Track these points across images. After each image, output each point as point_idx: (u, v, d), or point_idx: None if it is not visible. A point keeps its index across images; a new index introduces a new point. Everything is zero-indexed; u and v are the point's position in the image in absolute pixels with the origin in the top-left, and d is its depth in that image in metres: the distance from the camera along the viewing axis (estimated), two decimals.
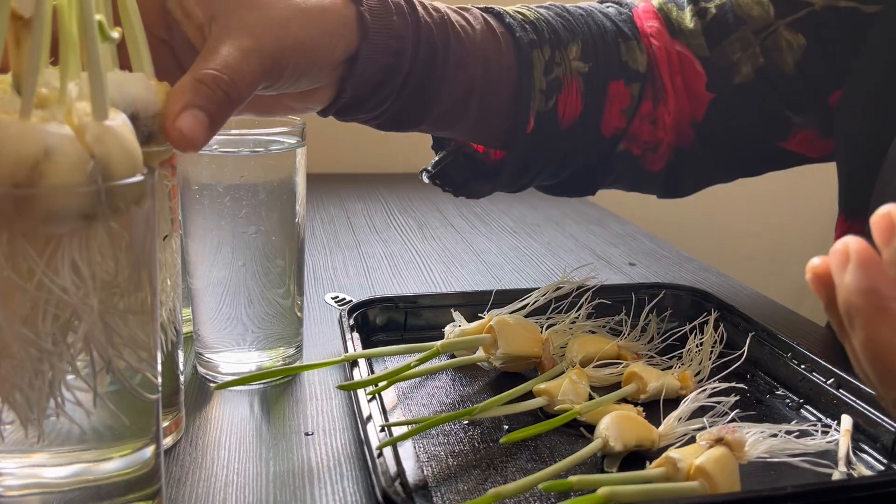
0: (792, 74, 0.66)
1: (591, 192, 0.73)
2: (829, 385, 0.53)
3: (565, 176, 0.68)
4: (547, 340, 0.57)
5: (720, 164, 0.72)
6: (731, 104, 0.67)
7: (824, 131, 0.68)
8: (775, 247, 1.64)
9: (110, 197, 0.31)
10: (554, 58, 0.62)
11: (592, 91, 0.63)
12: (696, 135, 0.68)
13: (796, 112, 0.67)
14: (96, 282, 0.31)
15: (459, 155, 0.68)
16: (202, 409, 0.54)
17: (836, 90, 0.66)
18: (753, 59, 0.65)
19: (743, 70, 0.66)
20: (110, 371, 0.32)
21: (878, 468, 0.48)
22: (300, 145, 0.56)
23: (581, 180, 0.70)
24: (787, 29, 0.65)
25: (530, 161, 0.64)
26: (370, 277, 0.81)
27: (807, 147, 0.70)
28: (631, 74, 0.65)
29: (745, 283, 0.81)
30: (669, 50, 0.66)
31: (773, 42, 0.65)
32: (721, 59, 0.66)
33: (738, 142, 0.70)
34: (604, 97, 0.64)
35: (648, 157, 0.68)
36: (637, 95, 0.65)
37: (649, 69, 0.66)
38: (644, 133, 0.67)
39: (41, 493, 0.35)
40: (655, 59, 0.66)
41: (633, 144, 0.67)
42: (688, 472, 0.42)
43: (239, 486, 0.45)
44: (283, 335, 0.58)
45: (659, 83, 0.66)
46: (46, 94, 0.32)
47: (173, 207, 0.44)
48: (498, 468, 0.47)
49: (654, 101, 0.66)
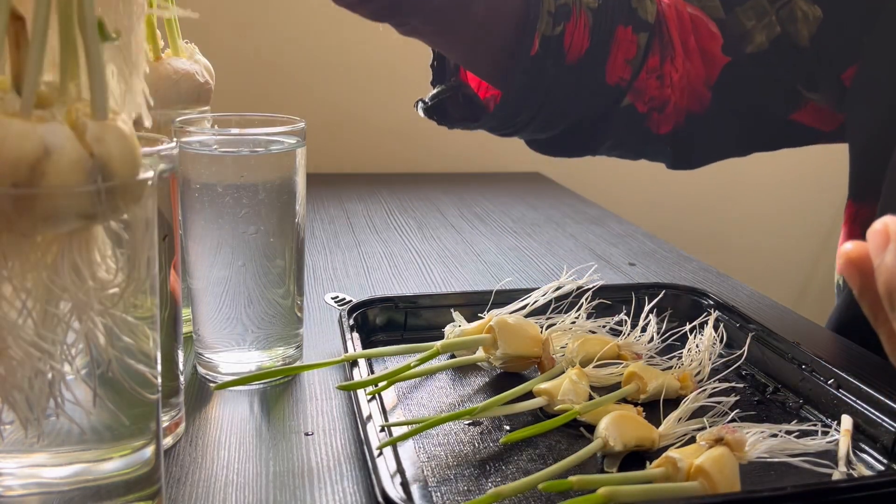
0: (806, 46, 0.65)
1: (591, 151, 0.71)
2: (829, 385, 0.53)
3: (564, 128, 0.67)
4: (547, 340, 0.57)
5: (732, 133, 0.71)
6: (745, 71, 0.66)
7: (837, 107, 0.68)
8: (775, 247, 1.65)
9: (110, 197, 0.31)
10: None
11: (600, 29, 0.62)
12: (711, 98, 0.67)
13: (809, 88, 0.66)
14: (96, 282, 0.31)
15: (459, 93, 0.67)
16: (202, 409, 0.54)
17: (849, 67, 0.65)
18: (769, 28, 0.65)
19: (757, 39, 0.65)
20: (110, 371, 0.32)
21: (878, 468, 0.48)
22: (300, 145, 0.56)
23: (580, 135, 0.68)
24: (804, 0, 0.65)
25: (529, 93, 0.62)
26: (370, 277, 0.81)
27: (819, 118, 0.69)
28: (640, 23, 0.64)
29: (745, 283, 0.81)
30: (680, 10, 0.66)
31: (788, 12, 0.65)
32: (735, 25, 0.66)
33: (750, 110, 0.69)
34: (610, 39, 0.63)
35: (654, 116, 0.67)
36: (644, 46, 0.64)
37: (658, 22, 0.65)
38: (650, 88, 0.66)
39: (41, 493, 0.35)
40: (664, 15, 0.65)
41: (639, 100, 0.66)
42: (688, 472, 0.42)
43: (239, 486, 0.45)
44: (283, 335, 0.58)
45: (667, 38, 0.65)
46: (46, 95, 0.32)
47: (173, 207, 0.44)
48: (498, 468, 0.47)
49: (662, 56, 0.65)
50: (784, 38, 0.65)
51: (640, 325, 0.61)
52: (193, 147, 0.54)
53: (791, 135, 0.72)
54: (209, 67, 0.63)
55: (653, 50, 0.65)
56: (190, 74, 0.60)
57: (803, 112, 0.68)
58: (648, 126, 0.67)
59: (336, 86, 1.36)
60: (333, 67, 1.36)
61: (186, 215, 0.55)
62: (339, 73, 1.36)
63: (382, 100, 1.38)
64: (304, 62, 1.34)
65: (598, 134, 0.68)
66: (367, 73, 1.37)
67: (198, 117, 0.60)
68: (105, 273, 0.31)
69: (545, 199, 1.21)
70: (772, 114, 0.69)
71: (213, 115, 0.61)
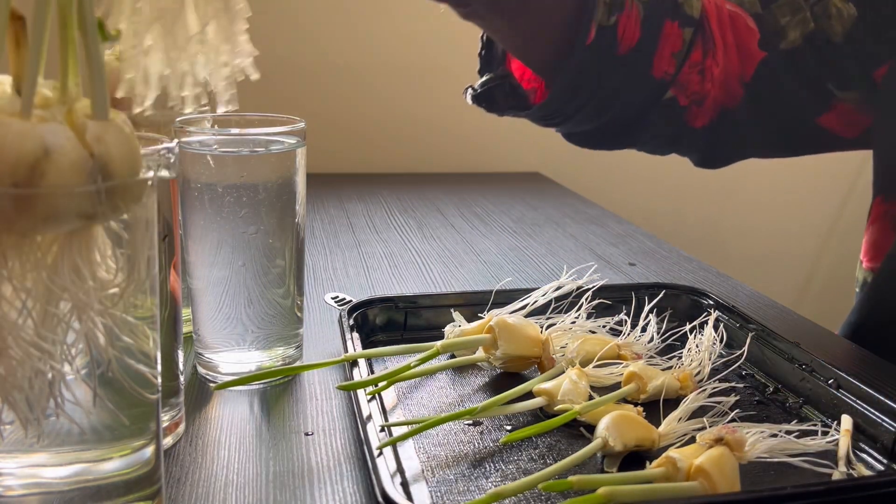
0: (840, 43, 0.66)
1: (631, 144, 0.72)
2: (829, 385, 0.53)
3: (607, 119, 0.68)
4: (547, 340, 0.57)
5: (759, 132, 0.72)
6: (778, 67, 0.67)
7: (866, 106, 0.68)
8: (775, 247, 1.65)
9: (110, 197, 0.31)
10: None
11: (650, 22, 0.64)
12: (744, 94, 0.68)
13: (840, 86, 0.67)
14: (96, 282, 0.31)
15: (506, 82, 0.69)
16: (202, 409, 0.54)
17: (882, 65, 0.66)
18: (803, 24, 0.66)
19: (790, 35, 0.66)
20: (110, 371, 0.32)
21: (878, 468, 0.48)
22: (300, 145, 0.56)
23: (621, 127, 0.69)
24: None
25: (582, 83, 0.64)
26: (370, 277, 0.81)
27: (844, 122, 0.70)
28: (685, 18, 0.65)
29: (745, 283, 0.81)
30: (720, 5, 0.67)
31: (822, 9, 0.66)
32: (770, 21, 0.67)
33: (780, 109, 0.70)
34: (659, 33, 0.64)
35: (693, 110, 0.68)
36: (689, 41, 0.66)
37: (701, 18, 0.66)
38: (692, 83, 0.67)
39: (41, 493, 0.35)
40: (706, 10, 0.67)
41: (681, 93, 0.67)
42: (688, 472, 0.42)
43: (239, 486, 0.45)
44: (283, 335, 0.58)
45: (708, 34, 0.67)
46: (46, 95, 0.32)
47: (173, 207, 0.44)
48: (498, 468, 0.47)
49: (704, 51, 0.66)
50: (817, 34, 0.66)
51: (640, 325, 0.61)
52: (193, 147, 0.54)
53: (814, 139, 0.73)
54: None
55: (696, 45, 0.66)
56: None
57: (830, 115, 0.69)
58: (686, 119, 0.69)
59: (336, 86, 1.36)
60: (333, 67, 1.36)
61: (186, 215, 0.55)
62: (339, 73, 1.36)
63: (382, 100, 1.38)
64: (304, 62, 1.34)
65: (640, 126, 0.70)
66: (367, 73, 1.37)
67: (198, 117, 0.60)
68: (105, 273, 0.31)
69: (545, 199, 1.21)
70: (799, 114, 0.70)
71: (213, 115, 0.61)
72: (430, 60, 1.35)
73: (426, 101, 1.38)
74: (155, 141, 0.44)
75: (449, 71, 1.36)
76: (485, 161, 1.42)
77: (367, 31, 1.34)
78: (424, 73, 1.36)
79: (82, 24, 0.32)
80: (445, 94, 1.38)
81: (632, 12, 0.63)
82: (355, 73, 1.36)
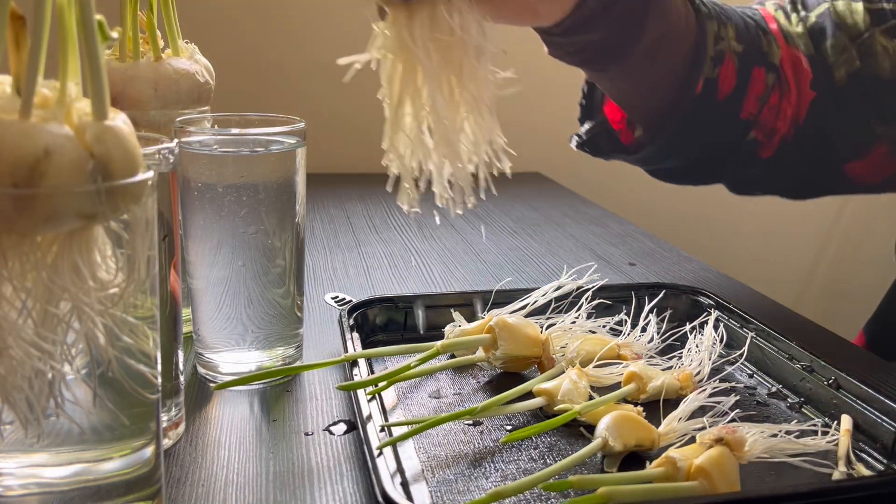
0: (888, 79, 0.69)
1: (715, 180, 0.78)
2: (829, 385, 0.53)
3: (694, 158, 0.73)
4: (547, 340, 0.57)
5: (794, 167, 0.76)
6: (827, 105, 0.71)
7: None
8: (775, 247, 1.64)
9: (110, 197, 0.31)
10: (719, 32, 0.69)
11: (742, 70, 0.69)
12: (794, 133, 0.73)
13: (884, 120, 0.71)
14: (96, 282, 0.31)
15: (605, 129, 0.74)
16: (202, 409, 0.54)
17: None
18: (849, 62, 0.70)
19: (836, 74, 0.71)
20: (110, 371, 0.32)
21: (878, 468, 0.48)
22: (300, 145, 0.56)
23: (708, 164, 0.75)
24: (883, 35, 0.70)
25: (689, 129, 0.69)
26: (370, 277, 0.81)
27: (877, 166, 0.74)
28: (769, 64, 0.70)
29: (745, 283, 0.81)
30: (790, 50, 0.72)
31: (868, 47, 0.70)
32: (821, 61, 0.72)
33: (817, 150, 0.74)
34: (748, 79, 0.69)
35: (765, 143, 0.73)
36: (771, 85, 0.70)
37: (780, 63, 0.71)
38: (768, 121, 0.72)
39: (41, 493, 0.35)
40: (782, 55, 0.72)
41: (760, 132, 0.72)
42: (688, 472, 0.42)
43: (239, 486, 0.45)
44: (283, 335, 0.58)
45: (783, 77, 0.71)
46: (46, 95, 0.32)
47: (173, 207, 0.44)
48: (498, 468, 0.47)
49: (780, 93, 0.71)
50: (864, 70, 0.70)
51: (640, 325, 0.61)
52: (193, 147, 0.54)
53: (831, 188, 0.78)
54: (209, 67, 0.63)
55: (775, 87, 0.72)
56: (190, 74, 0.60)
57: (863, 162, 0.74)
58: (759, 153, 0.74)
59: (336, 86, 1.36)
60: (333, 67, 1.36)
61: (186, 215, 0.55)
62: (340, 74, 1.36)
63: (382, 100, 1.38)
64: (304, 62, 1.34)
65: (724, 163, 0.75)
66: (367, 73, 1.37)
67: (198, 117, 0.60)
68: (105, 273, 0.31)
69: (545, 199, 1.21)
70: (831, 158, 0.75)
71: (213, 115, 0.61)
72: None
73: None
74: (155, 141, 0.44)
75: None
76: None
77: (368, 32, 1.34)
78: None
79: (82, 24, 0.32)
80: None
81: (728, 64, 0.69)
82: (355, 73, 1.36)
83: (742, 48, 0.70)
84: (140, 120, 0.58)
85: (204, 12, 1.26)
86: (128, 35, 0.59)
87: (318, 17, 1.33)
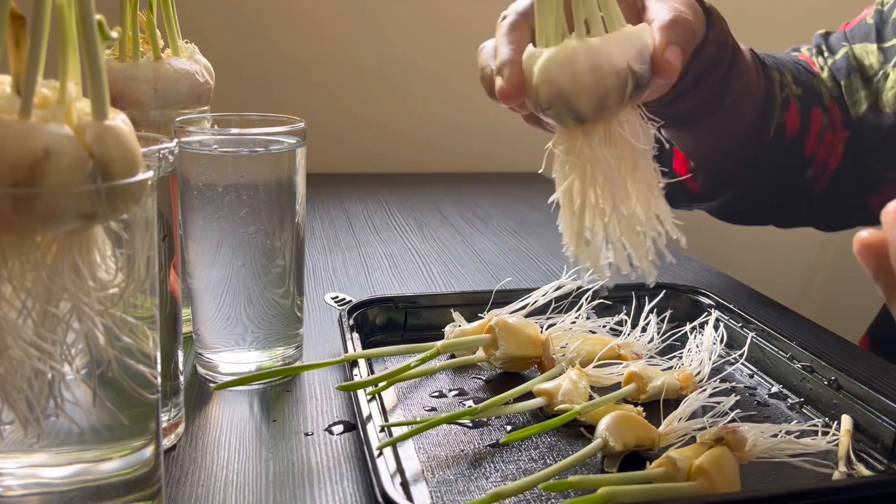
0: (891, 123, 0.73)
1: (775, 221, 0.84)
2: (829, 385, 0.53)
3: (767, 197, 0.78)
4: (547, 340, 0.57)
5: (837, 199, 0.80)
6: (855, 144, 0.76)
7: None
8: (775, 246, 1.64)
9: (110, 197, 0.31)
10: (782, 79, 0.74)
11: (804, 112, 0.74)
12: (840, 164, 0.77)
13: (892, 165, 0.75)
14: (96, 282, 0.31)
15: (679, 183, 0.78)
16: (202, 409, 0.54)
17: None
18: (857, 105, 0.76)
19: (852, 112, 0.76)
20: (110, 371, 0.32)
21: (878, 468, 0.48)
22: (300, 145, 0.56)
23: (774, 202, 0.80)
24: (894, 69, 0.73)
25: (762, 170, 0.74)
26: (370, 277, 0.81)
27: None
28: (822, 105, 0.77)
29: (745, 283, 0.81)
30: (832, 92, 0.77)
31: (879, 88, 0.74)
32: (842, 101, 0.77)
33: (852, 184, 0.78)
34: (809, 118, 0.75)
35: (819, 177, 0.78)
36: (826, 123, 0.76)
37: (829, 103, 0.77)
38: (822, 156, 0.77)
39: (41, 493, 0.35)
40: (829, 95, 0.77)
41: (817, 168, 0.77)
42: (688, 472, 0.42)
43: (239, 486, 0.45)
44: (283, 335, 0.58)
45: (834, 116, 0.76)
46: (46, 95, 0.32)
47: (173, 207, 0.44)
48: (498, 468, 0.47)
49: (833, 130, 0.76)
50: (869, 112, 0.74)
51: (640, 325, 0.61)
52: (193, 147, 0.54)
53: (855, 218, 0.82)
54: (209, 67, 0.63)
55: (827, 125, 0.76)
56: (190, 74, 0.60)
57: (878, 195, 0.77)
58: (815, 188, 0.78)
59: (336, 86, 1.36)
60: (333, 67, 1.36)
61: (186, 215, 0.55)
62: (339, 73, 1.36)
63: (382, 100, 1.38)
64: (304, 62, 1.34)
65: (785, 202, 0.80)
66: (367, 73, 1.37)
67: (198, 117, 0.60)
68: (105, 273, 0.31)
69: (545, 199, 1.20)
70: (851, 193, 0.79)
71: (213, 115, 0.61)
72: (431, 60, 1.35)
73: (426, 101, 1.38)
74: (155, 141, 0.44)
75: (449, 71, 1.36)
76: (485, 161, 1.42)
77: (368, 32, 1.34)
78: (425, 74, 1.36)
79: (82, 24, 0.32)
80: (446, 94, 1.38)
81: (792, 107, 0.74)
82: (355, 73, 1.36)
83: (801, 91, 0.75)
84: (140, 120, 0.58)
85: (204, 12, 1.26)
86: (128, 35, 0.59)
87: (318, 17, 1.33)
